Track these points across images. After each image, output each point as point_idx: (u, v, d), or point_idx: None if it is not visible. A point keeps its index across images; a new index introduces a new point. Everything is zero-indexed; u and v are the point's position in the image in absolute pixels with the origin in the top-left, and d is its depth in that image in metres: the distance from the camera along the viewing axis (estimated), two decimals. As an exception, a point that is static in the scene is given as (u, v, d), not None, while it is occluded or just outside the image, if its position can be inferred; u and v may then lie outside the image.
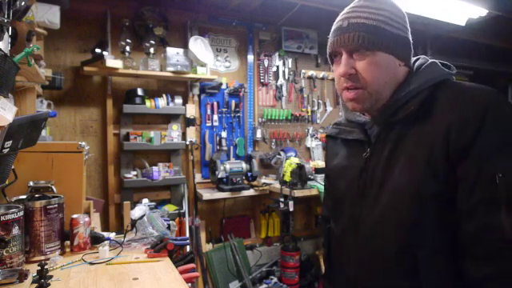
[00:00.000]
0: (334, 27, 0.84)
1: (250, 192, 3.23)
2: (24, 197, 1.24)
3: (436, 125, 0.74)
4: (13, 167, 1.10)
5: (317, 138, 3.90)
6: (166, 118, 3.18)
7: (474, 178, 0.69)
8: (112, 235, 1.40)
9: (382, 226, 0.80)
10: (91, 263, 1.16)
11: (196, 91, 3.33)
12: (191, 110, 3.27)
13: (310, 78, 3.87)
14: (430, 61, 0.84)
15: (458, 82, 0.80)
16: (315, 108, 3.90)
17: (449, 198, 0.72)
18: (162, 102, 3.02)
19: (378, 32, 0.77)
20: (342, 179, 0.93)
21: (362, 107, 0.83)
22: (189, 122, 3.27)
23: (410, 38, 0.83)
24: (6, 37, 1.00)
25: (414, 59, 0.87)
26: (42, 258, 1.18)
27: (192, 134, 3.27)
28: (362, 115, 0.91)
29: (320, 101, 3.93)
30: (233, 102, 3.47)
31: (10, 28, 1.07)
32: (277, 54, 3.69)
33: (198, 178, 3.32)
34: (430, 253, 0.74)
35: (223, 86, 3.42)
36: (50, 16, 2.15)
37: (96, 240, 1.33)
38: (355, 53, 0.79)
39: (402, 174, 0.76)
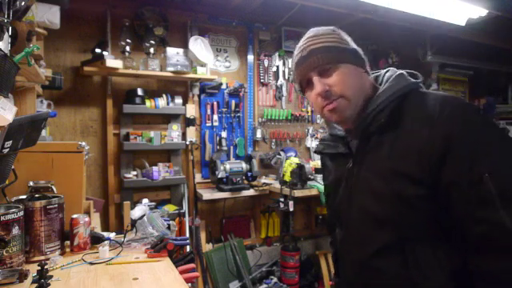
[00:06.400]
0: (295, 61, 0.93)
1: (250, 192, 3.23)
2: (24, 197, 1.24)
3: (408, 135, 0.80)
4: (13, 167, 1.10)
5: (317, 138, 3.90)
6: (166, 118, 3.18)
7: (464, 183, 0.74)
8: (112, 235, 1.40)
9: (364, 226, 0.87)
10: (91, 263, 1.16)
11: (196, 91, 3.33)
12: (191, 110, 3.27)
13: (310, 77, 3.87)
14: (398, 72, 0.91)
15: (423, 92, 0.86)
16: (315, 108, 3.90)
17: (427, 197, 0.78)
18: (162, 102, 3.02)
19: (335, 49, 0.88)
20: (335, 191, 1.00)
21: (345, 116, 0.89)
22: (189, 122, 3.27)
23: (359, 49, 0.93)
24: (6, 37, 1.00)
25: (384, 71, 0.96)
26: (42, 257, 1.18)
27: (192, 134, 3.27)
28: (341, 129, 0.99)
29: (320, 101, 3.92)
30: (233, 102, 3.47)
31: (10, 28, 1.07)
32: (277, 53, 3.69)
33: (198, 178, 3.32)
34: (413, 244, 0.80)
35: (223, 86, 3.42)
36: (50, 16, 2.15)
37: (96, 240, 1.33)
38: (323, 73, 0.88)
39: (381, 179, 0.83)
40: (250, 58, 3.60)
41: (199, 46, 3.10)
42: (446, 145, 0.75)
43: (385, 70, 0.96)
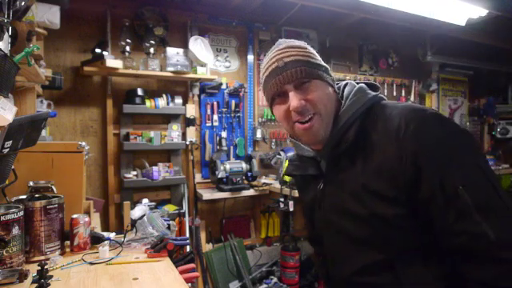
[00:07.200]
0: (268, 71, 0.87)
1: (250, 192, 3.23)
2: (24, 197, 1.24)
3: (377, 153, 0.79)
4: (13, 167, 1.10)
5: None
6: (166, 118, 3.18)
7: (439, 198, 0.72)
8: (112, 235, 1.40)
9: (345, 246, 0.87)
10: (91, 263, 1.16)
11: (196, 91, 3.33)
12: (191, 110, 3.27)
13: (310, 77, 3.87)
14: (357, 87, 0.89)
15: (384, 105, 0.85)
16: (315, 108, 3.90)
17: (405, 215, 0.77)
18: (162, 102, 3.02)
19: (312, 64, 0.86)
20: (311, 213, 0.99)
21: (319, 135, 0.86)
22: (189, 122, 3.27)
23: (327, 66, 0.92)
24: (6, 37, 1.00)
25: (343, 84, 0.94)
26: (42, 257, 1.18)
27: (192, 134, 3.27)
28: (310, 149, 0.95)
29: (320, 101, 3.92)
30: (233, 102, 3.47)
31: (10, 28, 1.07)
32: (277, 53, 3.68)
33: (198, 178, 3.32)
34: (401, 259, 0.79)
35: (223, 86, 3.42)
36: (50, 16, 2.15)
37: (96, 240, 1.33)
38: (299, 87, 0.84)
39: (355, 200, 0.81)
40: (250, 57, 3.60)
41: (199, 46, 3.10)
42: (414, 162, 0.74)
43: (343, 84, 0.93)
